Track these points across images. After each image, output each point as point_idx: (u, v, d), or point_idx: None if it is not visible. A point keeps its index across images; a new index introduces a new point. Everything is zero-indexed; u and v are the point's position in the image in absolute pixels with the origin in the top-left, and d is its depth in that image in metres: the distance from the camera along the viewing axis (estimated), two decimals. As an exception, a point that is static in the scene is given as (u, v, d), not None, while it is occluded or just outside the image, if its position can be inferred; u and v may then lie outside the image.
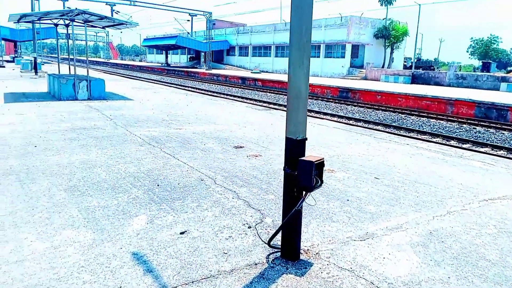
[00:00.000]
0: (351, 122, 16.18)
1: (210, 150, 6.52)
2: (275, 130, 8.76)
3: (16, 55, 55.48)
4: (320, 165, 2.88)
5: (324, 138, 8.11)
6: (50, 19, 14.49)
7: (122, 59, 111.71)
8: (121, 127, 8.39)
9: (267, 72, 54.31)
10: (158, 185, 4.63)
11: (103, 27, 14.90)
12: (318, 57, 48.74)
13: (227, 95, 24.68)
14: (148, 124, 8.83)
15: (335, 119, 15.95)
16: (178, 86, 28.39)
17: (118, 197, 4.19)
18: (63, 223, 3.51)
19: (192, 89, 26.62)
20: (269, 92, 29.51)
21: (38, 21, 15.53)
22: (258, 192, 4.54)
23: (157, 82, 31.86)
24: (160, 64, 72.62)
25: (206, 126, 8.96)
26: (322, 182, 2.92)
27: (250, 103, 17.43)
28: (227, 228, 3.54)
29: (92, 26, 14.83)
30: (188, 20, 56.95)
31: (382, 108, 21.74)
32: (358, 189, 4.84)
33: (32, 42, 39.28)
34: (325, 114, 18.75)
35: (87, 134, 7.43)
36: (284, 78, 37.90)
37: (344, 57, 45.67)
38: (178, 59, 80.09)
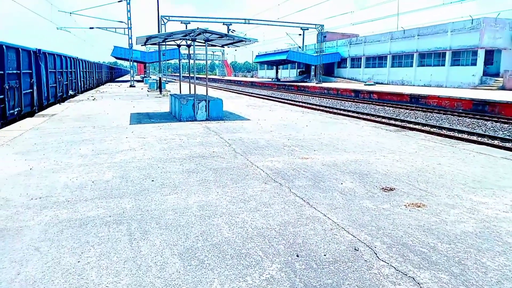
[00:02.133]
0: (495, 142, 13.16)
1: (351, 193, 5.08)
2: (426, 162, 6.91)
3: (145, 75, 61.77)
4: None
5: None
6: (173, 40, 14.80)
7: (235, 76, 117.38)
8: (241, 155, 7.47)
9: (381, 83, 50.82)
10: (297, 256, 3.35)
11: (222, 46, 14.69)
12: (443, 65, 43.76)
13: (344, 110, 22.95)
14: (269, 151, 7.78)
15: (486, 140, 13.05)
16: (290, 102, 27.61)
17: (247, 276, 3.02)
18: (176, 326, 2.43)
19: (305, 105, 25.51)
20: (388, 106, 26.84)
21: (163, 43, 16.06)
22: (451, 283, 2.94)
23: (270, 98, 31.62)
24: (270, 79, 73.90)
25: (336, 154, 7.54)
26: None
27: (376, 122, 15.51)
28: None
29: (212, 45, 14.71)
30: (300, 34, 56.61)
31: (532, 124, 17.75)
32: None
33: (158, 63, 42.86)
34: (460, 132, 15.77)
35: (206, 165, 6.63)
36: (402, 89, 34.51)
37: (475, 64, 40.05)
38: (287, 74, 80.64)
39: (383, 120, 18.81)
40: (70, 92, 24.59)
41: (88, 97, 24.55)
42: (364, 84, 47.72)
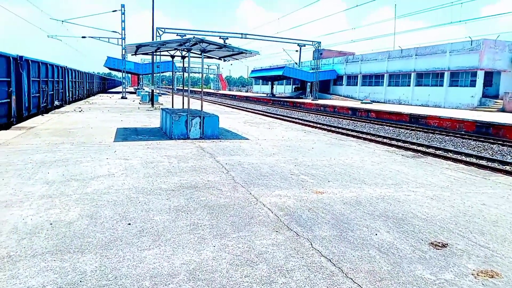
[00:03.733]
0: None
1: (394, 252, 3.81)
2: (467, 202, 5.68)
3: (138, 86, 60.57)
4: None
5: None
6: (167, 50, 13.62)
7: (229, 90, 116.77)
8: (241, 186, 6.18)
9: (378, 102, 50.11)
10: None
11: (220, 58, 13.53)
12: (441, 85, 43.18)
13: (348, 130, 21.79)
14: (274, 182, 6.50)
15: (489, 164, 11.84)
16: (289, 119, 26.45)
17: None
18: None
19: (306, 123, 24.36)
20: (387, 126, 25.82)
21: (156, 53, 14.87)
22: None
23: (267, 114, 30.50)
24: (265, 95, 73.10)
25: (355, 187, 6.29)
26: None
27: (387, 145, 14.33)
28: None
29: (209, 57, 13.55)
30: (297, 51, 56.02)
31: (540, 148, 16.80)
32: None
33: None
34: (467, 155, 14.69)
35: (199, 200, 5.32)
36: (401, 108, 33.67)
37: (474, 85, 39.48)
38: (283, 89, 79.97)
39: (394, 142, 17.69)
40: (56, 103, 23.19)
41: (75, 108, 23.20)
42: (361, 102, 46.99)
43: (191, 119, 11.21)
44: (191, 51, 12.19)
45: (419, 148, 16.23)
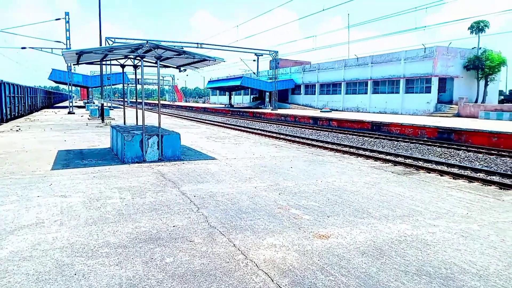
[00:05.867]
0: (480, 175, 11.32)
1: None
2: (508, 239, 4.52)
3: (88, 100, 56.95)
4: None
5: None
6: (116, 59, 11.81)
7: (186, 101, 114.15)
8: (220, 232, 4.64)
9: (336, 110, 50.24)
10: None
11: (177, 67, 11.91)
12: (398, 92, 43.86)
13: (321, 142, 20.63)
14: (261, 222, 5.02)
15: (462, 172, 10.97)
16: (253, 131, 25.07)
17: None
18: None
19: (274, 135, 23.04)
20: (350, 134, 25.18)
21: (103, 62, 12.97)
22: None
23: (229, 126, 28.95)
24: (223, 105, 71.71)
25: (365, 226, 4.95)
26: None
27: (368, 158, 13.23)
28: None
29: (165, 65, 11.88)
30: (254, 60, 55.12)
31: (504, 153, 16.51)
32: None
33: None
34: (437, 163, 13.96)
35: (163, 265, 3.72)
36: (360, 116, 33.49)
37: (429, 92, 40.34)
38: (241, 100, 78.91)
39: (371, 154, 16.68)
40: (-11, 121, 20.35)
41: (13, 127, 20.47)
42: (320, 111, 46.75)
43: (147, 139, 9.49)
44: (145, 58, 10.51)
45: (401, 160, 15.36)
